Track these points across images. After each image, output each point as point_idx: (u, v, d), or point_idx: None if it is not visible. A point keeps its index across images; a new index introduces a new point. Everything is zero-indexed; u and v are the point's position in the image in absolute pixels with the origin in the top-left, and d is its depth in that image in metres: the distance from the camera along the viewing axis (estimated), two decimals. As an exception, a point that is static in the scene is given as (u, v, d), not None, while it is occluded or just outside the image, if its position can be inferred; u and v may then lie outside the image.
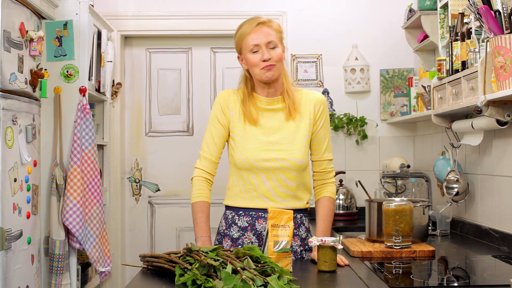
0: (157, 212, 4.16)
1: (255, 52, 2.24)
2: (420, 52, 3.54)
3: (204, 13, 4.04)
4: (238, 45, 2.31)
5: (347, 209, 3.76)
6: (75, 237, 3.06)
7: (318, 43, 4.04)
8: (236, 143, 2.27)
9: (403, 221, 2.28)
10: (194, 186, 2.28)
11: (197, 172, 2.30)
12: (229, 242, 2.27)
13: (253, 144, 2.25)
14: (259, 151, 2.24)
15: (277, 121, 2.28)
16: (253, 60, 2.24)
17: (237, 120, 2.29)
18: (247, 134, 2.27)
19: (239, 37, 2.29)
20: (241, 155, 2.24)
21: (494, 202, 2.67)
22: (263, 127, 2.28)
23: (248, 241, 2.25)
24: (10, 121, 2.54)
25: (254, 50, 2.24)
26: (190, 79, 4.19)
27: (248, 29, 2.26)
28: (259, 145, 2.25)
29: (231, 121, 2.30)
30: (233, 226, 2.28)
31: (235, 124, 2.29)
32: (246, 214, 2.26)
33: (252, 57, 2.24)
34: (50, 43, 3.15)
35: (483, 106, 2.29)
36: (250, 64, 2.25)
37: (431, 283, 1.93)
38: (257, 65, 2.23)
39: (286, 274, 1.71)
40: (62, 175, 3.07)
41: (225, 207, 2.35)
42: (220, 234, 2.32)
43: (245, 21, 2.30)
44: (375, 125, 4.02)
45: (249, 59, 2.25)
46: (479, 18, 2.25)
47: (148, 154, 4.16)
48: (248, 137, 2.26)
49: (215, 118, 2.31)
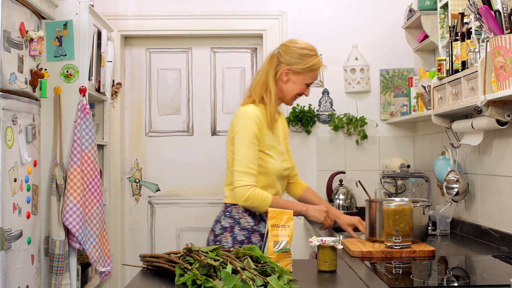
0: (157, 212, 4.16)
1: (307, 86, 2.53)
2: (420, 52, 3.54)
3: (204, 13, 4.04)
4: (302, 66, 2.49)
5: (347, 209, 3.76)
6: (75, 237, 3.06)
7: (318, 43, 3.98)
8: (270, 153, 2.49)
9: (403, 221, 2.28)
10: (259, 194, 2.41)
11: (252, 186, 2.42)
12: (258, 237, 2.47)
13: (279, 154, 2.52)
14: (284, 161, 2.54)
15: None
16: (301, 90, 2.52)
17: (266, 131, 2.49)
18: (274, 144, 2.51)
19: (311, 64, 2.50)
20: (275, 164, 2.49)
21: (494, 202, 2.67)
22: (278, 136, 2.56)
23: None
24: (10, 121, 2.54)
25: (309, 84, 2.52)
26: (190, 79, 4.19)
27: (320, 64, 2.55)
28: (283, 155, 2.54)
29: (265, 135, 2.49)
30: (261, 223, 2.49)
31: (265, 137, 2.49)
32: None
33: (303, 87, 2.52)
34: (50, 43, 3.15)
35: (483, 106, 2.29)
36: (296, 90, 2.51)
37: (431, 283, 1.93)
38: (298, 94, 2.53)
39: (286, 274, 1.71)
40: (62, 175, 3.07)
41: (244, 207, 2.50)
42: (248, 230, 2.46)
43: (316, 52, 2.56)
44: (375, 125, 4.01)
45: (300, 87, 2.51)
46: (479, 18, 2.25)
47: (148, 154, 4.16)
48: (275, 146, 2.51)
49: (255, 137, 2.45)
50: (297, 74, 2.49)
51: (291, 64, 2.48)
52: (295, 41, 2.56)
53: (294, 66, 2.48)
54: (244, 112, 2.47)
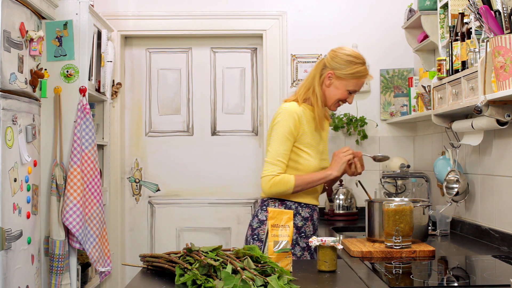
0: (157, 212, 4.16)
1: (350, 93, 2.56)
2: (420, 52, 3.54)
3: (204, 13, 4.04)
4: (345, 72, 2.52)
5: (347, 209, 3.77)
6: (75, 237, 3.06)
7: (318, 43, 4.04)
8: (308, 150, 2.53)
9: (403, 221, 2.28)
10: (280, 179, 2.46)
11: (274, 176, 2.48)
12: (294, 230, 2.52)
13: (318, 153, 2.58)
14: (322, 160, 2.61)
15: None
16: (343, 96, 2.56)
17: (306, 129, 2.53)
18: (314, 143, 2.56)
19: (355, 71, 2.52)
20: (311, 162, 2.54)
21: (494, 202, 2.67)
22: (322, 137, 2.64)
23: (309, 230, 2.59)
24: (10, 121, 2.54)
25: (352, 91, 2.55)
26: (190, 79, 4.19)
27: (366, 74, 2.56)
28: (322, 155, 2.62)
29: (304, 132, 2.53)
30: (297, 216, 2.56)
31: (303, 134, 2.53)
32: (307, 206, 2.59)
33: (345, 94, 2.55)
34: (50, 43, 3.15)
35: (483, 106, 2.29)
36: (337, 95, 2.55)
37: (431, 283, 1.93)
38: (339, 99, 2.56)
39: (286, 274, 1.71)
40: (62, 175, 3.08)
41: (281, 200, 2.56)
42: None
43: (363, 61, 2.56)
44: (375, 125, 4.01)
45: (342, 92, 2.55)
46: (479, 18, 2.25)
47: (148, 154, 4.16)
48: (315, 146, 2.57)
49: (290, 133, 2.50)
50: (340, 79, 2.53)
51: (335, 69, 2.54)
52: (343, 48, 2.61)
53: (337, 71, 2.53)
54: (284, 107, 2.55)
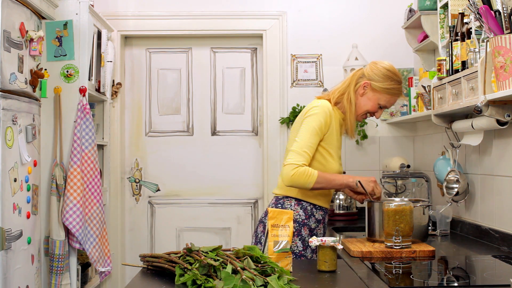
0: (157, 212, 4.16)
1: (380, 108, 2.58)
2: (420, 52, 3.54)
3: (204, 13, 4.04)
4: (381, 85, 2.53)
5: (347, 209, 3.76)
6: (75, 237, 3.06)
7: (318, 43, 4.05)
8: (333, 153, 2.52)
9: (403, 221, 2.28)
10: (304, 171, 2.39)
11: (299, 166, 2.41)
12: (307, 231, 2.52)
13: (338, 158, 2.57)
14: (340, 165, 2.59)
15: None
16: (373, 109, 2.57)
17: (334, 132, 2.52)
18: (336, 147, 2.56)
19: (391, 87, 2.54)
20: (334, 165, 2.52)
21: (494, 202, 2.67)
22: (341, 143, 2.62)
23: (320, 232, 2.57)
24: (10, 121, 2.54)
25: (382, 106, 2.57)
26: (190, 79, 4.19)
27: (399, 93, 2.59)
28: (340, 159, 2.59)
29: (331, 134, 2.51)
30: (311, 218, 2.55)
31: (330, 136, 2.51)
32: (321, 209, 2.58)
33: (376, 107, 2.57)
34: (50, 43, 3.15)
35: (483, 106, 2.29)
36: (368, 106, 2.56)
37: (431, 283, 1.93)
38: (368, 111, 2.57)
39: (286, 274, 1.71)
40: (62, 175, 3.08)
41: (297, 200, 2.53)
42: (299, 223, 2.51)
43: (400, 80, 2.58)
44: (375, 125, 4.01)
45: (373, 104, 2.55)
46: (479, 18, 2.25)
47: (148, 154, 4.16)
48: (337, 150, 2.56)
49: (321, 128, 2.48)
50: (374, 91, 2.55)
51: (372, 80, 2.55)
52: (384, 62, 2.62)
53: (373, 83, 2.54)
54: (319, 102, 2.54)
